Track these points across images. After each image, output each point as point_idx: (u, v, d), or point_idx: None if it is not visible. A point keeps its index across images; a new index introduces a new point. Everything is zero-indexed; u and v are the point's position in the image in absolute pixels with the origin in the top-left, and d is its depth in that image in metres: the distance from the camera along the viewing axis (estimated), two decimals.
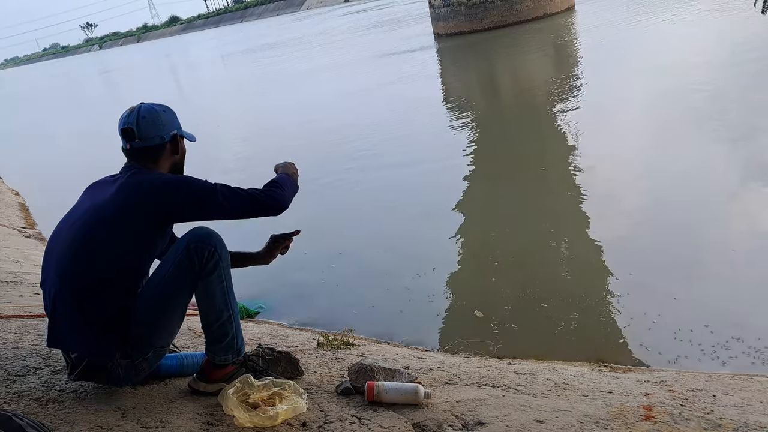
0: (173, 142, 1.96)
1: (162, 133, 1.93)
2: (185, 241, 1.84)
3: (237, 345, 2.00)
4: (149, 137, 1.91)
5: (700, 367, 2.79)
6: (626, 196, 4.98)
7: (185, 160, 2.07)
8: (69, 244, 1.81)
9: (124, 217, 1.80)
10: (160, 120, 1.93)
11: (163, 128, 1.94)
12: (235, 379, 1.97)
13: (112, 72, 41.40)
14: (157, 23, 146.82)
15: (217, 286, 1.89)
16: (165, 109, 1.98)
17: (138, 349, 1.87)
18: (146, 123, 1.90)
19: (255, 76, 20.41)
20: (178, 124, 2.00)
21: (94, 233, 1.79)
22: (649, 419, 1.87)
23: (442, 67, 15.28)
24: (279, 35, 39.51)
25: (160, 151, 1.94)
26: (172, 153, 1.97)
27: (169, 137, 1.95)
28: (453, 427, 1.87)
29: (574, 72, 11.00)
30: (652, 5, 16.42)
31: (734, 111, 6.51)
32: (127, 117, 1.92)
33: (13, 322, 2.70)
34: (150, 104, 1.96)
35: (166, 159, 1.97)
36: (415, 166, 6.81)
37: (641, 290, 3.51)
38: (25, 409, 1.81)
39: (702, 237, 4.09)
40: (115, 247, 1.79)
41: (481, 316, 3.49)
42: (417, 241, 4.81)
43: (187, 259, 1.82)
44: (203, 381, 2.01)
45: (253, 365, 2.11)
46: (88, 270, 1.78)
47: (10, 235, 6.14)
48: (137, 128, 1.90)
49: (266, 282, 4.43)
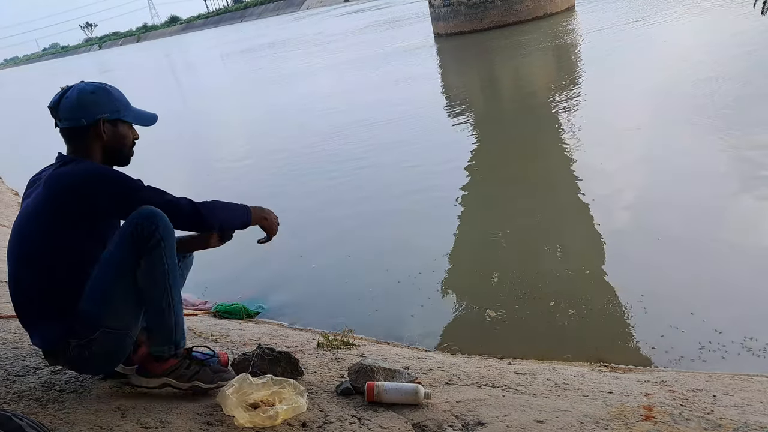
0: (96, 126, 1.85)
1: (82, 116, 1.83)
2: (131, 217, 1.79)
3: (175, 338, 1.92)
4: (69, 118, 1.83)
5: (700, 367, 2.79)
6: (627, 196, 4.98)
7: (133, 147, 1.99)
8: (12, 249, 1.83)
9: (52, 216, 1.76)
10: (84, 101, 1.83)
11: (86, 110, 1.83)
12: (179, 373, 1.95)
13: (112, 72, 41.40)
14: (157, 23, 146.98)
15: (159, 268, 1.81)
16: (96, 90, 1.87)
17: (86, 327, 1.79)
18: (68, 103, 1.83)
19: (254, 77, 20.41)
20: (113, 107, 1.88)
21: (30, 236, 1.79)
22: (649, 419, 1.87)
23: (442, 67, 15.29)
24: (278, 35, 39.51)
25: (83, 134, 1.85)
26: (96, 137, 1.86)
27: (90, 120, 1.84)
28: (453, 427, 1.87)
29: (575, 72, 11.01)
30: (652, 5, 16.42)
31: (736, 110, 6.51)
32: (55, 95, 1.86)
33: (13, 322, 2.70)
34: (85, 84, 1.89)
35: (93, 143, 1.87)
36: (415, 166, 6.81)
37: (641, 290, 3.51)
38: (25, 409, 1.81)
39: (703, 237, 4.08)
40: (52, 246, 1.77)
41: (493, 315, 3.49)
42: (417, 241, 4.81)
43: (130, 235, 1.77)
44: (144, 376, 1.95)
45: (197, 357, 2.04)
46: (32, 272, 1.79)
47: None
48: (58, 108, 1.84)
49: (266, 282, 4.43)
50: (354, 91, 13.38)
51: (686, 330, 3.09)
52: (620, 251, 4.07)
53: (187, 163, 9.84)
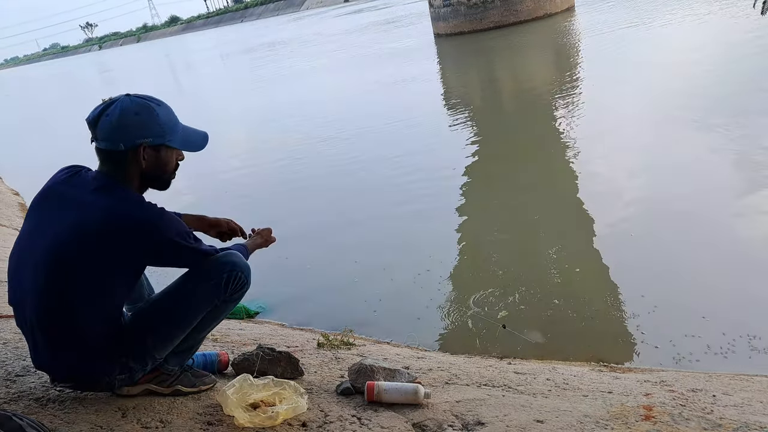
0: (135, 152, 1.67)
1: (121, 140, 1.65)
2: (228, 264, 1.82)
3: (184, 360, 2.03)
4: (107, 139, 1.65)
5: (700, 367, 2.79)
6: (627, 196, 4.98)
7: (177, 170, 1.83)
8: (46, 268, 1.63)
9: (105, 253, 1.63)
10: (126, 122, 1.64)
11: (127, 134, 1.65)
12: (160, 379, 1.96)
13: (112, 71, 41.41)
14: (157, 23, 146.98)
15: (224, 313, 1.97)
16: (141, 110, 1.67)
17: (140, 361, 1.84)
18: (107, 122, 1.64)
19: (254, 77, 20.41)
20: (157, 131, 1.70)
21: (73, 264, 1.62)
22: (649, 419, 1.87)
23: (442, 67, 15.28)
24: (277, 36, 39.51)
25: (120, 158, 1.67)
26: (134, 162, 1.69)
27: (129, 145, 1.65)
28: (453, 427, 1.87)
29: (575, 72, 11.01)
30: (652, 6, 16.42)
31: (736, 109, 6.51)
32: (95, 109, 1.68)
33: (13, 322, 2.70)
34: (129, 101, 1.68)
35: (130, 168, 1.70)
36: (414, 166, 6.80)
37: (641, 290, 3.51)
38: (25, 409, 1.81)
39: (703, 237, 4.09)
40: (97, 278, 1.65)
41: (493, 315, 3.49)
42: (417, 241, 4.81)
43: (224, 283, 1.81)
44: (126, 384, 1.90)
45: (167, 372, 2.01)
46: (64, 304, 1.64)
47: (10, 235, 6.14)
48: (96, 125, 1.66)
49: (266, 282, 4.43)
50: (354, 92, 13.38)
51: (686, 330, 3.09)
52: (621, 251, 4.07)
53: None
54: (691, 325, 3.11)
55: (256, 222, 2.28)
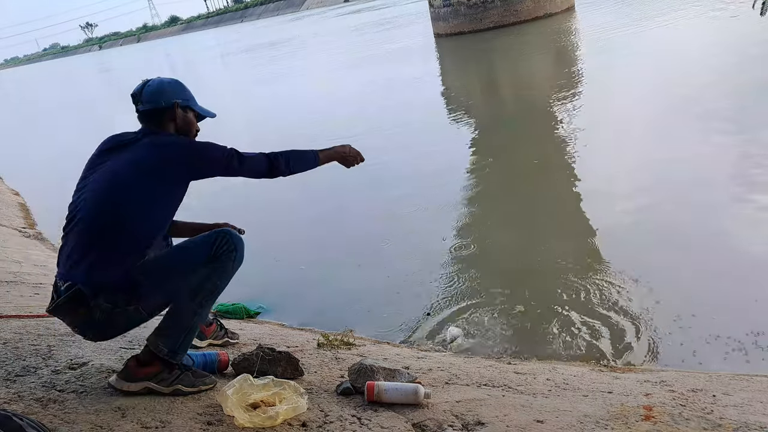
0: (171, 108, 2.16)
1: (162, 99, 2.15)
2: (223, 231, 2.07)
3: (176, 345, 2.01)
4: (150, 101, 2.14)
5: (700, 367, 2.79)
6: (627, 196, 4.98)
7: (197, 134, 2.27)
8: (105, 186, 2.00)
9: (158, 170, 2.02)
10: (163, 88, 2.17)
11: (165, 95, 2.16)
12: (161, 377, 1.97)
13: (112, 71, 41.41)
14: (157, 23, 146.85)
15: (210, 281, 2.02)
16: (173, 81, 2.23)
17: (126, 296, 1.93)
18: (149, 89, 2.16)
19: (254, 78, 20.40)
20: (185, 96, 2.22)
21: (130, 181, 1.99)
22: (649, 419, 1.87)
23: (442, 67, 15.29)
24: (277, 36, 39.49)
25: (161, 115, 2.15)
26: (170, 119, 2.17)
27: (167, 102, 2.15)
28: (453, 427, 1.87)
29: (575, 72, 11.01)
30: (651, 6, 16.41)
31: (736, 109, 6.51)
32: (137, 86, 2.20)
33: (13, 322, 2.71)
34: (163, 77, 2.24)
35: (167, 124, 2.17)
36: (414, 167, 6.81)
37: (641, 290, 3.51)
38: (26, 409, 1.81)
39: (703, 236, 4.09)
40: (146, 194, 1.99)
41: (493, 315, 3.49)
42: (417, 242, 4.81)
43: (212, 240, 2.02)
44: (126, 380, 1.97)
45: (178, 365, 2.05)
46: (116, 212, 1.96)
47: (11, 235, 6.14)
48: (141, 94, 2.15)
49: (266, 282, 4.43)
50: (352, 93, 13.37)
51: (686, 330, 3.09)
52: (621, 251, 4.06)
53: None
54: (691, 325, 3.11)
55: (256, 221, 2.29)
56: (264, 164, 2.22)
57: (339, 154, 2.43)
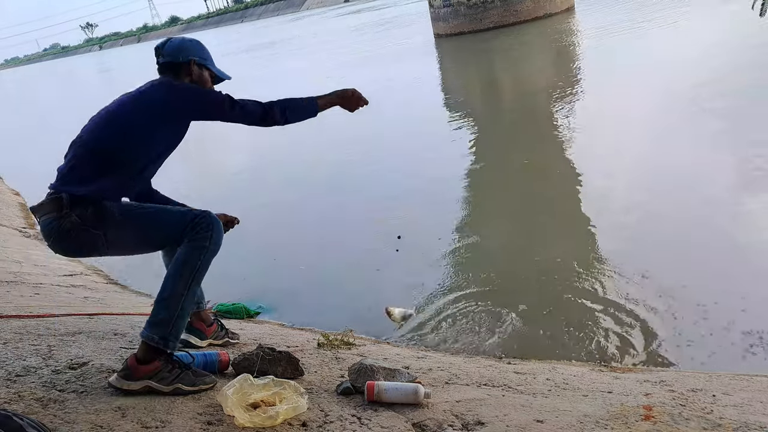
0: (188, 64, 2.32)
1: (180, 54, 2.33)
2: (204, 212, 2.13)
3: (167, 332, 1.99)
4: (169, 54, 2.32)
5: (700, 367, 2.79)
6: (627, 197, 4.98)
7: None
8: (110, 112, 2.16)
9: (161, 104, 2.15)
10: (183, 45, 2.35)
11: (184, 51, 2.33)
12: (161, 376, 1.96)
13: (112, 71, 41.40)
14: (157, 23, 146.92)
15: (190, 262, 2.04)
16: (193, 41, 2.40)
17: (96, 219, 2.00)
18: (171, 44, 2.36)
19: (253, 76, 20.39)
20: (203, 55, 2.38)
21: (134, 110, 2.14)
22: (649, 419, 1.87)
23: (442, 67, 15.28)
24: (277, 35, 39.49)
25: (178, 69, 2.32)
26: (186, 74, 2.32)
27: (185, 58, 2.32)
28: (453, 426, 1.88)
29: (574, 72, 11.01)
30: (651, 6, 16.41)
31: (736, 109, 6.51)
32: (162, 41, 2.39)
33: (13, 322, 2.71)
34: (185, 36, 2.45)
35: (183, 77, 2.32)
36: (415, 166, 6.81)
37: (641, 290, 3.51)
38: (26, 409, 1.81)
39: (703, 236, 4.09)
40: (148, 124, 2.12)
41: (493, 315, 3.48)
42: (417, 241, 4.81)
43: (190, 217, 2.08)
44: (127, 379, 1.96)
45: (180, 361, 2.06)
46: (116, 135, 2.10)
47: (11, 235, 6.14)
48: (163, 48, 2.34)
49: (266, 282, 4.43)
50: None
51: (686, 330, 3.09)
52: (621, 251, 4.06)
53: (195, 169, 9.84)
54: (691, 325, 3.12)
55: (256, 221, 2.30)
56: (258, 111, 2.29)
57: (340, 98, 2.54)
